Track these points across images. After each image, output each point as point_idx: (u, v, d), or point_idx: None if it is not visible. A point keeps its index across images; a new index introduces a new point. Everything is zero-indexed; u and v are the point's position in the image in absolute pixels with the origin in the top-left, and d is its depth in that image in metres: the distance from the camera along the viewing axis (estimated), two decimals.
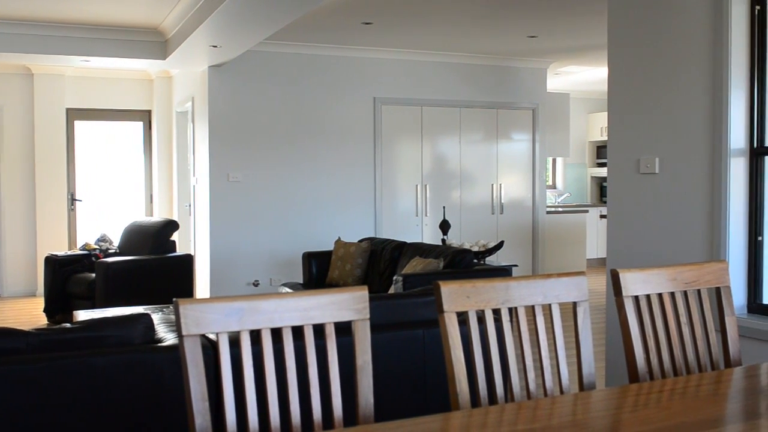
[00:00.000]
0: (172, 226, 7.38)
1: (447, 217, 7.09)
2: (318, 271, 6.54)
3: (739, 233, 3.45)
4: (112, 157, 9.46)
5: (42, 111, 8.81)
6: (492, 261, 6.47)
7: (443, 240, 6.62)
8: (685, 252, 3.61)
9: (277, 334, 1.72)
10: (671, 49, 3.68)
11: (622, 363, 3.07)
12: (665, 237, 3.73)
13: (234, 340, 1.65)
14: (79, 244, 8.55)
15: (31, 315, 7.64)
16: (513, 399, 1.93)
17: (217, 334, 1.66)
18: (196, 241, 8.16)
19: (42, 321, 7.20)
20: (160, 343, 2.93)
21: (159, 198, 9.37)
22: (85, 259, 7.27)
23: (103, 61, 7.61)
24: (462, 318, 1.89)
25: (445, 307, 1.87)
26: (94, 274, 6.83)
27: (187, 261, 7.14)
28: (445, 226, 6.75)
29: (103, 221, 9.02)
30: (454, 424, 1.72)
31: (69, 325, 2.86)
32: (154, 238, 7.20)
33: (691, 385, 1.95)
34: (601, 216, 10.71)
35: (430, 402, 3.30)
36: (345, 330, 1.82)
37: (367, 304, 1.82)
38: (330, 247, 6.95)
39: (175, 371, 2.71)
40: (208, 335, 2.49)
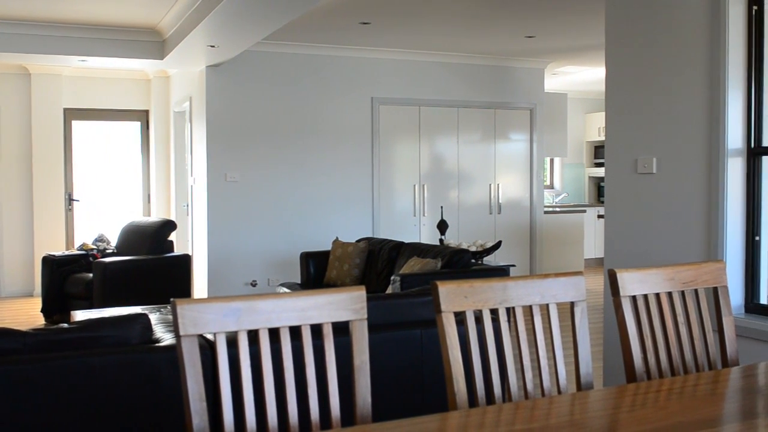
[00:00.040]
0: (169, 226, 7.38)
1: (445, 217, 7.10)
2: (316, 271, 6.53)
3: (737, 233, 3.45)
4: (109, 157, 9.45)
5: (39, 111, 8.80)
6: (490, 261, 6.47)
7: (441, 240, 6.63)
8: (682, 252, 3.61)
9: (274, 334, 1.72)
10: (669, 49, 3.68)
11: (619, 363, 3.07)
12: (663, 237, 3.74)
13: (231, 341, 1.65)
14: (77, 244, 8.55)
15: (29, 315, 7.63)
16: (510, 399, 1.93)
17: (214, 334, 1.66)
18: (193, 241, 8.15)
19: (39, 321, 7.19)
20: (158, 344, 2.93)
21: (156, 198, 9.36)
22: (83, 259, 7.26)
23: (101, 61, 7.60)
24: (460, 318, 1.89)
25: (443, 307, 1.87)
26: (91, 275, 6.83)
27: (185, 261, 7.14)
28: (442, 226, 6.75)
29: (100, 221, 9.01)
30: (451, 424, 1.73)
31: (66, 325, 2.86)
32: (151, 238, 7.19)
33: (689, 385, 1.95)
34: (599, 216, 10.72)
35: (428, 402, 3.30)
36: (343, 330, 1.82)
37: (364, 304, 1.82)
38: (328, 247, 6.95)
39: (173, 371, 2.71)
40: (205, 335, 2.49)
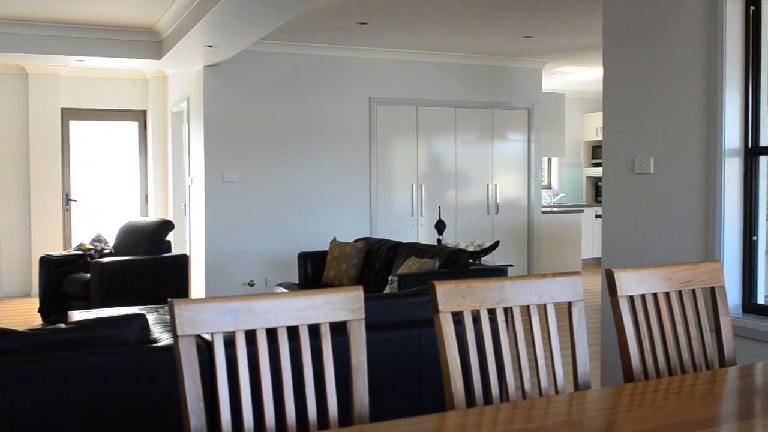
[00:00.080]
0: (167, 226, 7.38)
1: (442, 217, 7.10)
2: (313, 271, 6.53)
3: (734, 233, 3.46)
4: (107, 157, 9.44)
5: (37, 111, 8.79)
6: (487, 261, 6.48)
7: (439, 240, 6.63)
8: (679, 252, 3.62)
9: (272, 334, 1.72)
10: (666, 49, 3.69)
11: (617, 363, 3.07)
12: (660, 237, 3.74)
13: (229, 341, 1.65)
14: (74, 244, 8.54)
15: (26, 315, 7.62)
16: (508, 399, 1.93)
17: (212, 335, 1.66)
18: (191, 241, 8.14)
19: (37, 321, 7.18)
20: (155, 344, 2.93)
21: (154, 198, 9.35)
22: (80, 260, 7.25)
23: (98, 60, 7.60)
24: (457, 318, 1.89)
25: (441, 307, 1.87)
26: (89, 275, 6.82)
27: (183, 261, 7.13)
28: (440, 226, 6.75)
29: (98, 221, 9.00)
30: (449, 424, 1.73)
31: (64, 325, 2.86)
32: (149, 239, 7.19)
33: (686, 385, 1.95)
34: (597, 216, 10.72)
35: (426, 402, 3.30)
36: (340, 330, 1.82)
37: (362, 304, 1.82)
38: (325, 247, 6.95)
39: (170, 371, 2.71)
40: (203, 335, 2.48)
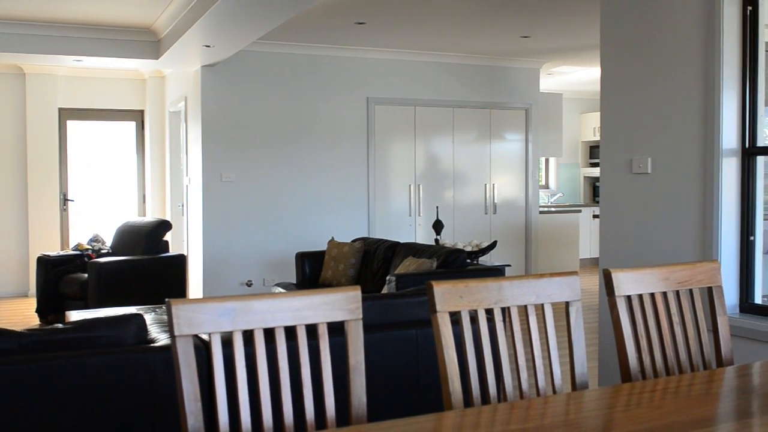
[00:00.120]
0: (164, 226, 7.37)
1: (440, 217, 7.10)
2: (311, 271, 6.53)
3: (731, 233, 3.46)
4: (104, 157, 9.43)
5: (34, 111, 8.77)
6: (485, 261, 6.48)
7: (436, 240, 6.63)
8: (677, 252, 3.62)
9: (269, 334, 1.72)
10: (664, 50, 3.69)
11: (614, 362, 3.08)
12: (658, 237, 3.74)
13: (227, 341, 1.65)
14: (72, 244, 8.52)
15: (24, 315, 7.61)
16: (506, 399, 1.93)
17: (209, 335, 1.66)
18: (189, 241, 8.14)
19: (34, 321, 7.17)
20: (153, 344, 2.93)
21: (152, 198, 9.34)
22: (78, 260, 7.25)
23: (96, 60, 7.59)
24: (455, 318, 1.89)
25: (438, 307, 1.87)
26: (86, 275, 6.81)
27: (180, 261, 7.12)
28: (438, 226, 6.76)
29: (95, 221, 8.99)
30: (446, 424, 1.73)
31: (61, 325, 2.85)
32: (146, 239, 7.18)
33: (684, 385, 1.95)
34: (594, 216, 10.73)
35: (423, 402, 3.30)
36: (338, 330, 1.82)
37: (360, 304, 1.82)
38: (323, 247, 6.95)
39: (168, 372, 2.71)
40: (200, 335, 2.48)
